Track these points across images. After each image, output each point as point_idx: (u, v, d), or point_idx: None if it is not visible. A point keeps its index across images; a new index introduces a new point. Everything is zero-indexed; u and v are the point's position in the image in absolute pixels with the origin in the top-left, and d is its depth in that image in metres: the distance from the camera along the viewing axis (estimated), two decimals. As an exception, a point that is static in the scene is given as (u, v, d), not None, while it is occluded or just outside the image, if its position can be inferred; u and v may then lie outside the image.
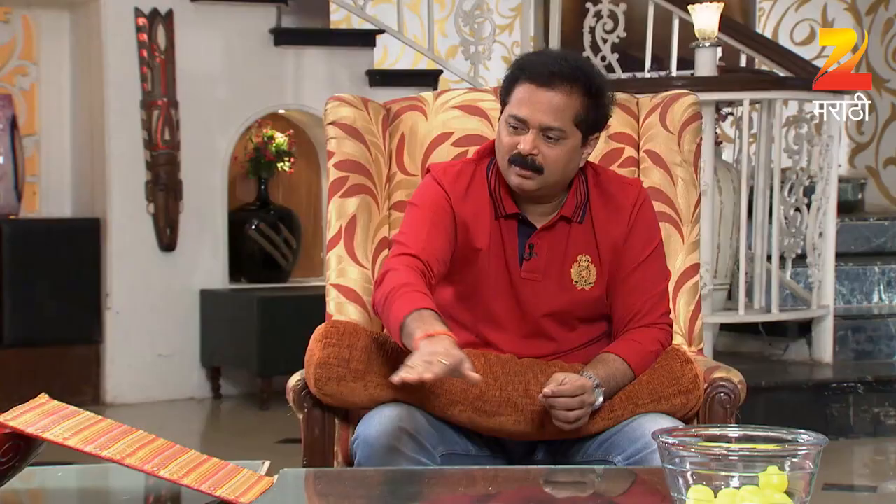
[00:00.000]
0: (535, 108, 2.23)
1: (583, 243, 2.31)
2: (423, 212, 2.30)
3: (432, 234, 2.26)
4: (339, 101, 2.62)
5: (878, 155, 7.00)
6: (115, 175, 5.54)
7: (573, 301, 2.31)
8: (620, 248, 2.31)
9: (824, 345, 5.07)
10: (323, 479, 2.04)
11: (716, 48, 4.82)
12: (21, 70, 5.78)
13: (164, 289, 5.57)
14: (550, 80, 2.23)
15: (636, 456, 2.18)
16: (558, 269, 2.30)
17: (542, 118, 2.23)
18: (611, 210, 2.33)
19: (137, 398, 5.50)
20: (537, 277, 2.30)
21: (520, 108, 2.24)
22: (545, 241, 2.30)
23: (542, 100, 2.23)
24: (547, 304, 2.30)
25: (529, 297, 2.30)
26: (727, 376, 2.31)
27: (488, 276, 2.29)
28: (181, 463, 1.81)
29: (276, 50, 5.78)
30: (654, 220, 2.38)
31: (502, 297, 2.30)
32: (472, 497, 1.91)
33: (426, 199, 2.32)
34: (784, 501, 1.59)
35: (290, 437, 4.41)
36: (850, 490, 4.04)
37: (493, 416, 2.22)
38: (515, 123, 2.24)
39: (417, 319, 2.07)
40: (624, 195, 2.34)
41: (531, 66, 2.26)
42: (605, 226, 2.31)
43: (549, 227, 2.31)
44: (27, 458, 1.81)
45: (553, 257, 2.30)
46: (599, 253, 2.31)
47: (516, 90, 2.25)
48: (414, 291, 2.13)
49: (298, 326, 3.07)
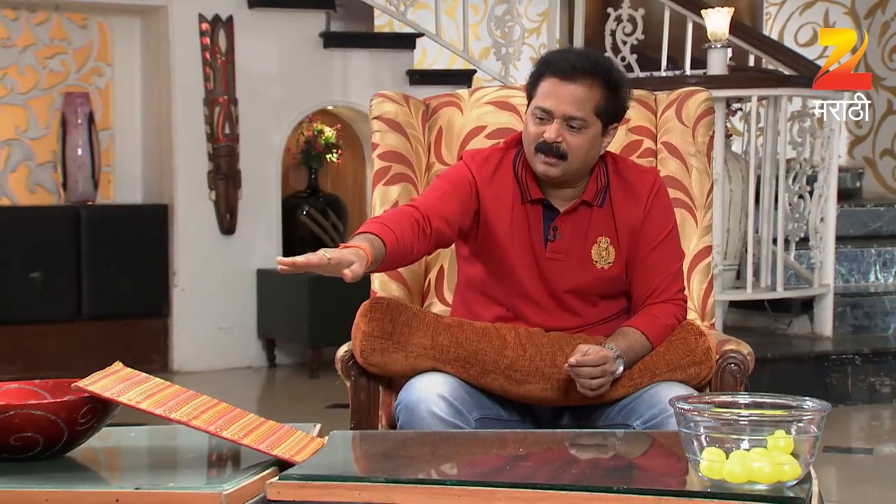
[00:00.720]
0: (560, 100, 2.21)
1: (603, 226, 2.30)
2: (443, 182, 2.30)
3: (443, 199, 2.25)
4: (382, 98, 2.61)
5: (875, 147, 6.97)
6: (181, 165, 5.56)
7: (594, 279, 2.30)
8: (638, 230, 2.30)
9: (825, 320, 5.06)
10: (368, 441, 2.04)
11: (726, 49, 4.79)
12: (97, 70, 5.81)
13: (224, 268, 5.60)
14: (573, 73, 2.22)
15: (653, 420, 2.17)
16: (580, 250, 2.29)
17: (566, 108, 2.21)
18: (629, 195, 2.31)
19: (201, 367, 5.53)
20: (560, 257, 2.28)
21: (545, 100, 2.23)
22: (568, 223, 2.29)
23: (566, 92, 2.21)
24: (570, 282, 2.29)
25: (554, 275, 2.29)
26: (737, 348, 2.29)
27: (514, 255, 2.28)
28: (241, 425, 1.82)
29: (325, 52, 5.78)
30: (669, 205, 2.36)
31: (529, 275, 2.29)
32: (503, 457, 1.90)
33: (451, 175, 2.32)
34: (790, 462, 1.58)
35: (338, 403, 4.43)
36: (848, 452, 4.03)
37: (522, 384, 2.21)
38: (541, 114, 2.23)
39: (357, 238, 2.09)
40: (641, 182, 2.32)
41: (555, 62, 2.25)
42: (624, 210, 2.30)
43: (571, 210, 2.29)
44: (104, 419, 1.82)
45: (575, 239, 2.29)
46: (618, 235, 2.30)
47: (542, 84, 2.25)
48: (377, 222, 2.14)
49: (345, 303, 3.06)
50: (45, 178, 5.70)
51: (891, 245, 5.58)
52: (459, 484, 1.62)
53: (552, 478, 1.70)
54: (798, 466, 1.59)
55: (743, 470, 1.56)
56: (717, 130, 3.67)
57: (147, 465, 1.92)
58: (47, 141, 5.68)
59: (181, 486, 1.65)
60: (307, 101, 5.77)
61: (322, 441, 1.88)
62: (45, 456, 1.77)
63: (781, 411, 1.65)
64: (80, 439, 1.81)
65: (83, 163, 5.56)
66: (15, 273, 5.27)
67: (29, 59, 5.66)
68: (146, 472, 1.88)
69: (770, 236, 4.86)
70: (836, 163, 5.11)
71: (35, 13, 5.67)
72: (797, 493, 1.56)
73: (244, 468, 1.74)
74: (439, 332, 2.23)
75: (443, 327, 2.24)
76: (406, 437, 2.07)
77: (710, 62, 4.75)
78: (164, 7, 5.55)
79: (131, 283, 5.49)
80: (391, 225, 2.13)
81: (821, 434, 1.62)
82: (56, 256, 5.35)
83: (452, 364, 2.21)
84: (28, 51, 5.66)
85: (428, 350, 2.21)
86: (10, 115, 5.64)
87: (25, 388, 1.89)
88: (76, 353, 5.28)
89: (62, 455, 1.81)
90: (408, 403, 2.16)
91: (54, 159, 5.65)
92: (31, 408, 1.73)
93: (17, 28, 5.64)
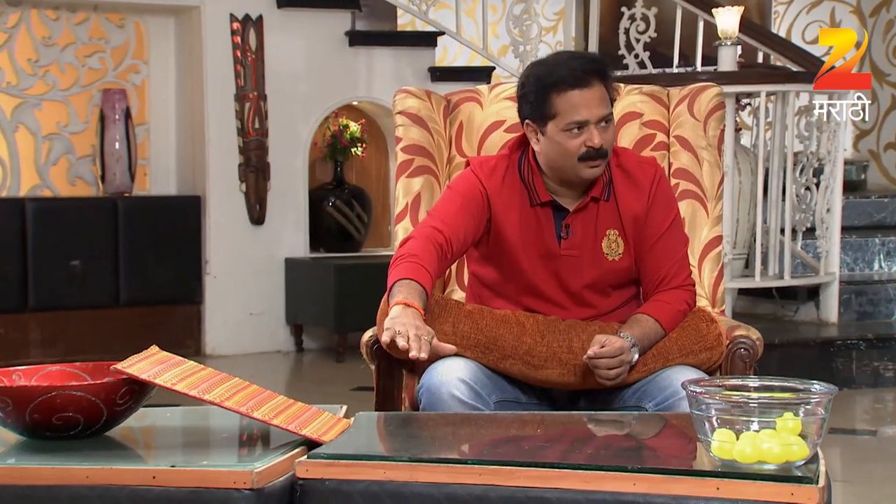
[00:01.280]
0: (590, 106, 2.18)
1: (610, 219, 2.28)
2: (456, 196, 2.27)
3: (458, 216, 2.23)
4: (406, 94, 2.61)
5: (880, 140, 6.92)
6: (213, 158, 5.57)
7: (605, 271, 2.28)
8: (643, 220, 2.28)
9: (830, 307, 5.04)
10: (393, 422, 2.04)
11: (736, 46, 4.76)
12: (133, 68, 5.82)
13: (254, 257, 5.61)
14: (586, 79, 2.19)
15: (665, 403, 2.16)
16: (591, 244, 2.28)
17: (599, 112, 2.19)
18: (632, 187, 2.29)
19: (232, 350, 5.54)
20: (574, 253, 2.27)
21: (576, 113, 2.18)
22: (578, 220, 2.28)
23: (590, 97, 2.18)
24: (585, 276, 2.28)
25: (568, 271, 2.27)
26: (747, 334, 2.28)
27: (526, 256, 2.27)
28: (271, 406, 1.82)
29: (351, 50, 5.77)
30: (671, 194, 2.35)
31: (543, 274, 2.27)
32: (522, 438, 1.90)
33: (462, 186, 2.29)
34: (799, 443, 1.57)
35: (362, 386, 4.43)
36: (853, 434, 4.02)
37: (540, 368, 2.21)
38: (578, 127, 2.18)
39: (405, 287, 2.09)
40: (643, 174, 2.30)
41: (559, 78, 2.19)
42: (628, 202, 2.28)
43: (581, 208, 2.28)
44: (141, 400, 1.83)
45: (586, 234, 2.27)
46: (624, 226, 2.28)
47: (557, 101, 2.18)
48: (417, 263, 2.13)
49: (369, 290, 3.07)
50: (85, 171, 5.72)
51: (894, 235, 5.54)
52: (479, 463, 1.62)
53: (569, 458, 1.69)
54: (806, 447, 1.58)
55: (753, 450, 1.56)
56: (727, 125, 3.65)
57: (181, 444, 1.93)
58: (87, 135, 5.70)
59: (214, 465, 1.65)
60: (333, 97, 5.77)
61: (348, 422, 1.88)
62: (85, 435, 1.78)
63: (790, 394, 1.65)
64: (119, 419, 1.82)
65: (120, 156, 5.58)
66: (56, 261, 5.29)
67: (69, 58, 5.68)
68: (181, 450, 1.88)
69: (778, 226, 4.84)
70: (842, 156, 5.08)
71: (75, 13, 5.69)
72: (805, 473, 1.55)
73: (274, 447, 1.74)
74: (460, 318, 2.23)
75: (464, 314, 2.24)
76: (428, 419, 2.07)
77: (721, 59, 4.73)
78: (197, 7, 5.55)
79: (166, 270, 5.51)
80: (426, 265, 2.13)
81: (828, 416, 1.61)
82: (95, 245, 5.37)
83: (473, 349, 2.21)
84: (68, 49, 5.68)
85: (449, 336, 2.21)
86: (52, 110, 5.67)
87: (67, 371, 1.89)
88: (114, 338, 5.31)
89: (101, 434, 1.81)
90: (430, 386, 2.16)
91: (93, 153, 5.67)
92: (72, 389, 1.74)
93: (58, 28, 5.65)
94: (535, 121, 2.23)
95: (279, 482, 1.63)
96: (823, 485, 1.55)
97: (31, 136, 5.62)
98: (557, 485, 1.57)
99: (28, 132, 5.62)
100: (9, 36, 5.57)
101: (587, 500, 1.56)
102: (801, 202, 4.96)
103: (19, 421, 1.75)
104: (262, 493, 1.60)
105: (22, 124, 5.60)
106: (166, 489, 1.61)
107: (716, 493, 1.53)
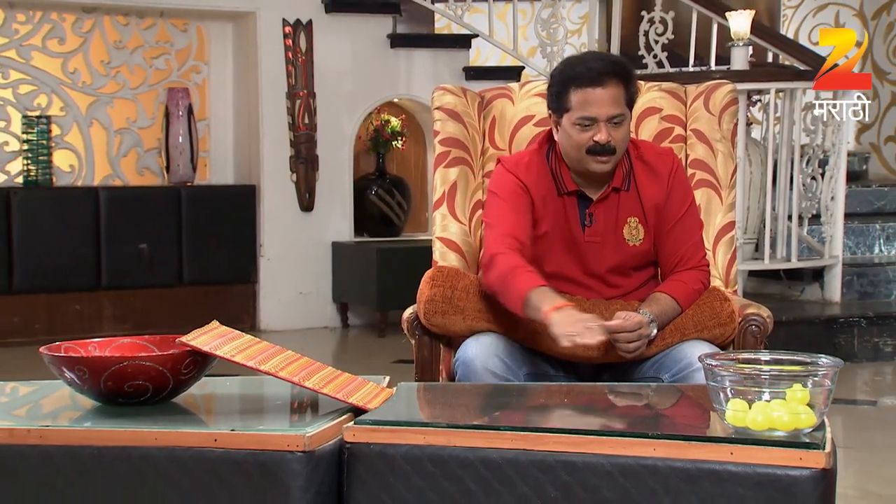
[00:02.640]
0: (600, 105, 2.16)
1: (631, 207, 2.26)
2: (505, 200, 2.24)
3: (517, 219, 2.22)
4: (443, 91, 2.60)
5: (881, 134, 6.85)
6: (267, 151, 5.58)
7: (627, 255, 2.27)
8: (662, 208, 2.26)
9: (834, 287, 5.00)
10: (431, 391, 2.04)
11: (748, 47, 4.72)
12: (195, 69, 5.84)
13: (303, 241, 5.62)
14: (601, 78, 2.16)
15: (680, 374, 2.15)
16: (613, 231, 2.26)
17: (609, 110, 2.16)
18: (651, 177, 2.27)
19: (284, 326, 5.57)
20: (598, 240, 2.25)
21: (586, 109, 2.16)
22: (601, 209, 2.26)
23: (602, 96, 2.16)
24: (608, 261, 2.26)
25: (593, 257, 2.26)
26: (758, 312, 2.26)
27: (556, 242, 2.25)
28: (321, 376, 1.83)
29: (392, 51, 5.76)
30: (687, 182, 2.33)
31: (570, 259, 2.26)
32: (549, 406, 1.89)
33: (505, 188, 2.26)
34: (807, 412, 1.56)
35: (403, 358, 4.44)
36: (854, 404, 3.99)
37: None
38: (587, 122, 2.17)
39: (540, 294, 2.06)
40: (661, 164, 2.27)
41: (578, 74, 2.17)
42: (648, 191, 2.26)
43: (603, 198, 2.26)
44: (203, 370, 1.84)
45: (608, 222, 2.26)
46: (645, 214, 2.26)
47: (572, 97, 2.17)
48: (528, 272, 2.11)
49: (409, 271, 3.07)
50: (152, 162, 5.76)
51: (893, 221, 5.50)
52: (511, 430, 1.62)
53: (593, 425, 1.68)
54: (813, 416, 1.56)
55: (764, 419, 1.54)
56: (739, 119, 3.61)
57: (239, 410, 1.94)
58: (153, 130, 5.74)
59: (269, 429, 1.66)
60: (376, 95, 5.76)
61: (391, 391, 1.88)
62: (153, 401, 1.79)
63: (799, 367, 1.63)
64: (183, 387, 1.83)
65: (183, 149, 5.60)
66: (126, 245, 5.34)
67: (137, 59, 5.70)
68: (239, 415, 1.89)
69: (785, 213, 4.80)
70: (845, 148, 5.04)
71: (143, 19, 5.71)
72: (812, 439, 1.54)
73: (323, 414, 1.75)
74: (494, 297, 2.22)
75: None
76: (464, 389, 2.07)
77: (734, 58, 4.68)
78: (253, 13, 5.56)
79: (224, 253, 5.53)
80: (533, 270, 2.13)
81: (834, 387, 1.59)
82: (161, 230, 5.41)
83: (504, 326, 2.20)
84: (137, 52, 5.70)
85: (483, 313, 2.21)
86: (122, 107, 5.70)
87: (137, 343, 1.91)
88: (178, 313, 5.34)
89: (168, 400, 1.82)
90: (465, 360, 2.16)
91: (159, 146, 5.70)
92: (141, 359, 1.75)
93: (127, 32, 5.68)
94: (554, 112, 2.23)
95: (328, 446, 1.64)
96: (829, 450, 1.54)
97: (104, 130, 5.66)
98: (583, 450, 1.57)
99: (101, 127, 5.66)
100: (84, 40, 5.60)
101: (610, 464, 1.55)
102: (807, 191, 4.92)
103: (95, 388, 1.77)
104: (312, 456, 1.60)
105: (96, 120, 5.64)
106: (226, 451, 1.62)
107: (730, 457, 1.52)
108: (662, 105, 2.55)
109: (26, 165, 5.35)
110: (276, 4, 5.55)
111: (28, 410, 1.91)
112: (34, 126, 5.36)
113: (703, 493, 1.52)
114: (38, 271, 5.18)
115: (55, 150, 5.48)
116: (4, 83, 5.46)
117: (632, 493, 1.54)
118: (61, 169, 5.53)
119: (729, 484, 1.51)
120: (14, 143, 5.45)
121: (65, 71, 5.57)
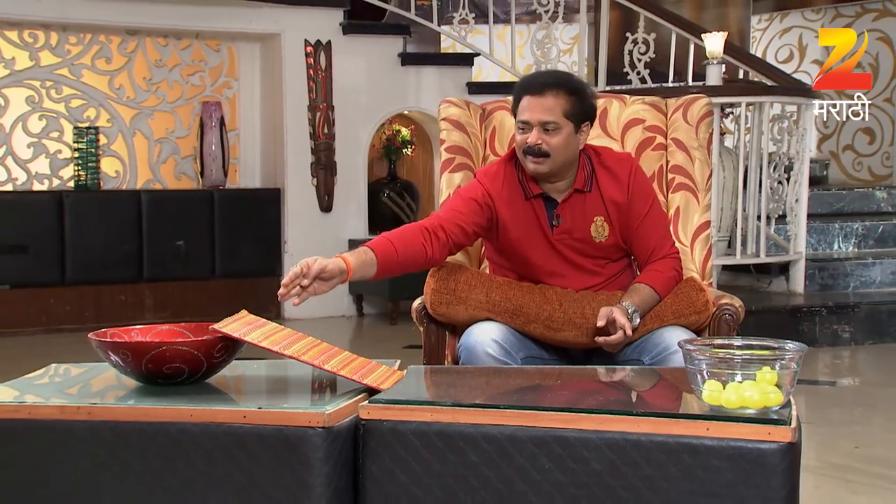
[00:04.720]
0: (534, 111, 2.16)
1: (595, 207, 2.24)
2: (456, 198, 2.26)
3: (455, 210, 2.21)
4: (448, 103, 2.59)
5: (839, 143, 6.84)
6: (290, 158, 5.58)
7: (596, 249, 2.25)
8: (625, 207, 2.24)
9: (798, 280, 4.99)
10: (437, 374, 2.03)
11: (721, 65, 4.70)
12: (227, 84, 5.84)
13: (323, 238, 5.62)
14: (542, 88, 2.17)
15: (658, 357, 2.14)
16: (581, 229, 2.24)
17: (540, 116, 2.16)
18: (612, 179, 2.25)
19: (305, 315, 5.56)
20: (566, 237, 2.24)
21: (523, 113, 2.18)
22: (567, 210, 2.24)
23: (538, 104, 2.16)
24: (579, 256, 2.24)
25: (566, 252, 2.24)
26: (731, 302, 2.25)
27: (530, 243, 2.24)
28: (338, 360, 1.82)
29: (402, 68, 5.76)
30: (647, 182, 2.29)
31: (546, 255, 2.24)
32: (544, 387, 1.88)
33: (464, 191, 2.28)
34: (775, 392, 1.55)
35: (412, 344, 4.44)
36: (815, 384, 3.98)
37: (559, 331, 2.19)
38: (523, 126, 2.18)
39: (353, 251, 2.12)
40: (621, 168, 2.25)
41: (528, 84, 2.20)
42: (609, 192, 2.24)
43: (567, 199, 2.24)
44: (233, 354, 1.83)
45: (575, 221, 2.24)
46: (608, 213, 2.24)
47: (521, 103, 2.19)
48: (381, 237, 2.13)
49: (419, 265, 3.04)
50: (188, 168, 5.76)
51: (850, 221, 5.49)
52: (510, 408, 1.61)
53: (584, 403, 1.68)
54: (781, 395, 1.55)
55: (737, 398, 1.53)
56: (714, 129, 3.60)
57: (266, 390, 1.93)
58: (189, 139, 5.73)
59: (293, 407, 1.65)
60: (388, 107, 5.76)
61: (401, 374, 1.88)
62: (189, 382, 1.79)
63: (768, 351, 1.62)
64: (216, 369, 1.83)
65: (216, 156, 5.61)
66: (165, 241, 5.34)
67: (175, 76, 5.70)
68: (265, 395, 1.89)
69: (755, 214, 4.79)
70: (808, 155, 5.04)
71: (180, 40, 5.71)
72: (780, 416, 1.53)
73: (340, 393, 1.75)
74: (493, 289, 2.21)
75: (496, 285, 2.22)
76: (467, 371, 2.06)
77: (709, 75, 4.67)
78: (278, 34, 5.56)
79: (252, 249, 5.54)
80: (393, 239, 2.11)
81: (799, 370, 1.59)
82: (196, 229, 5.41)
83: (503, 315, 2.20)
84: (175, 69, 5.70)
85: (483, 304, 2.20)
86: (162, 119, 5.70)
87: (174, 330, 1.90)
88: (211, 303, 5.35)
89: (202, 381, 1.82)
90: (467, 345, 2.15)
91: (194, 153, 5.70)
92: (178, 344, 1.74)
93: (167, 52, 5.68)
94: (514, 116, 2.23)
95: (346, 422, 1.63)
96: (795, 426, 1.53)
97: (146, 139, 5.66)
98: (574, 426, 1.56)
99: (143, 137, 5.66)
100: (128, 59, 5.60)
101: (599, 439, 1.55)
102: (774, 194, 4.91)
103: (136, 370, 1.76)
104: (331, 431, 1.60)
105: (138, 130, 5.64)
106: (254, 426, 1.62)
107: (706, 432, 1.51)
108: (646, 116, 2.54)
109: (77, 171, 5.37)
110: (299, 27, 5.55)
111: (78, 389, 1.91)
112: (84, 136, 5.38)
113: (681, 464, 1.51)
114: (87, 265, 5.20)
115: (102, 157, 5.49)
116: (58, 98, 5.47)
117: (618, 464, 1.53)
118: (108, 174, 5.54)
119: (705, 456, 1.50)
120: (66, 151, 5.46)
121: (111, 87, 5.57)
